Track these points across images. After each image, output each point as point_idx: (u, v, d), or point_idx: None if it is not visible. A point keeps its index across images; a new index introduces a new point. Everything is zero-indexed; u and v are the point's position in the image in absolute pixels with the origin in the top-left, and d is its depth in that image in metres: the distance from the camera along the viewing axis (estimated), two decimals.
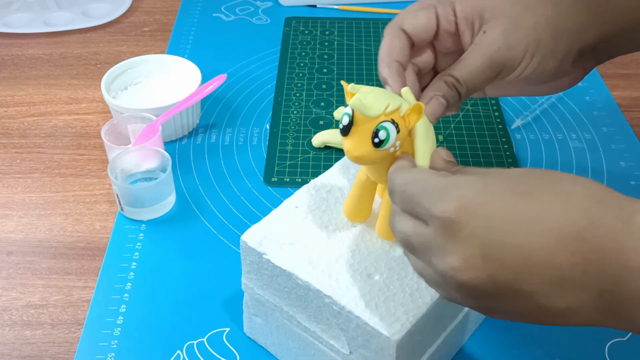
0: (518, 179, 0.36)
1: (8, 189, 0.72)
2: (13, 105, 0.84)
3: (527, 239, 0.34)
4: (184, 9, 1.02)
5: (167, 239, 0.65)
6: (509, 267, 0.34)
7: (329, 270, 0.47)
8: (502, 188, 0.35)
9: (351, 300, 0.44)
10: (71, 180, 0.73)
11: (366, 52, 0.92)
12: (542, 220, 0.34)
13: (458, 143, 0.75)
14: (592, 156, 0.75)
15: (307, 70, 0.88)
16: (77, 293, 0.61)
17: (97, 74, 0.89)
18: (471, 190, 0.35)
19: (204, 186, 0.71)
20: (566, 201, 0.34)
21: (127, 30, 0.98)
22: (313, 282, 0.46)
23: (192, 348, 0.56)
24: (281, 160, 0.74)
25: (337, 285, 0.45)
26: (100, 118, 0.81)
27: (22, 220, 0.68)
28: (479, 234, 0.34)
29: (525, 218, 0.34)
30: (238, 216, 0.68)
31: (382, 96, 0.43)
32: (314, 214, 0.51)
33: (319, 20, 0.99)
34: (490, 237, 0.34)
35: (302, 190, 0.53)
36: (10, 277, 0.62)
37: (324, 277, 0.46)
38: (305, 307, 0.48)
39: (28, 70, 0.90)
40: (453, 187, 0.36)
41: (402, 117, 0.43)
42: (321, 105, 0.82)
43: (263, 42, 0.94)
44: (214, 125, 0.79)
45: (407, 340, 0.44)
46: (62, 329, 0.58)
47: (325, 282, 0.46)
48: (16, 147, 0.77)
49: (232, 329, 0.57)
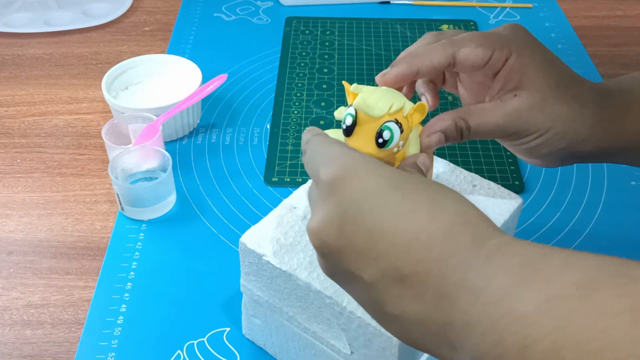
0: (407, 178, 0.36)
1: (9, 189, 0.72)
2: (14, 104, 0.84)
3: (381, 230, 0.34)
4: (184, 9, 1.02)
5: (167, 238, 0.65)
6: (355, 248, 0.34)
7: None
8: (385, 178, 0.36)
9: (352, 301, 0.44)
10: (72, 180, 0.73)
11: (366, 52, 0.92)
12: (403, 219, 0.34)
13: (458, 143, 0.75)
14: None
15: (308, 70, 0.88)
16: (77, 293, 0.61)
17: (97, 74, 0.89)
18: (357, 164, 0.36)
19: (205, 186, 0.71)
20: (434, 212, 0.34)
21: (128, 30, 0.98)
22: (313, 283, 0.46)
23: (192, 348, 0.56)
24: (282, 160, 0.74)
25: (338, 285, 0.45)
26: (101, 118, 0.82)
27: (23, 220, 0.68)
28: (342, 206, 0.35)
29: (389, 210, 0.34)
30: (238, 216, 0.68)
31: (385, 96, 0.43)
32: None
33: (320, 20, 0.99)
34: (349, 213, 0.35)
35: (299, 190, 0.52)
36: (10, 277, 0.62)
37: (325, 277, 0.46)
38: (305, 308, 0.48)
39: (29, 70, 0.90)
40: (344, 155, 0.37)
41: (405, 117, 0.42)
42: (322, 105, 0.82)
43: (263, 42, 0.94)
44: (214, 125, 0.79)
45: None
46: (63, 329, 0.58)
47: (326, 282, 0.46)
48: (17, 147, 0.77)
49: (232, 329, 0.57)
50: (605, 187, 0.71)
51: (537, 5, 1.04)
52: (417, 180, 0.37)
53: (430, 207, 0.34)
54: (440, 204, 0.34)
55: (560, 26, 0.99)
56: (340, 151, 0.38)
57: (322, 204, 0.36)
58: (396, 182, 0.36)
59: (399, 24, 0.98)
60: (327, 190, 0.36)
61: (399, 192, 0.35)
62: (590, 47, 0.94)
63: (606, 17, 1.03)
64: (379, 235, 0.34)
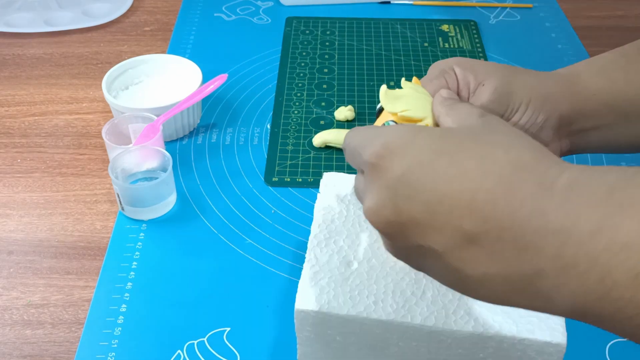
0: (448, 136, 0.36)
1: (9, 189, 0.72)
2: (14, 104, 0.84)
3: (437, 199, 0.33)
4: (184, 9, 1.02)
5: (167, 238, 0.65)
6: (417, 222, 0.34)
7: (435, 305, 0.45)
8: (426, 146, 0.35)
9: (494, 324, 0.43)
10: (72, 180, 0.73)
11: (367, 52, 0.92)
12: (455, 183, 0.33)
13: None
14: (593, 156, 0.75)
15: (308, 70, 0.88)
16: (77, 292, 0.61)
17: (98, 74, 0.89)
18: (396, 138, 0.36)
19: (205, 186, 0.71)
20: (485, 169, 0.33)
21: (128, 30, 0.98)
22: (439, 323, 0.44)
23: (192, 348, 0.56)
24: (282, 160, 0.74)
25: (458, 315, 0.44)
26: (101, 118, 0.82)
27: (23, 220, 0.68)
28: (391, 184, 0.35)
29: (439, 178, 0.34)
30: (238, 216, 0.68)
31: (412, 101, 0.44)
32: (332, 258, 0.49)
33: (320, 20, 0.99)
34: (400, 190, 0.35)
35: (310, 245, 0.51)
36: (11, 277, 0.62)
37: (439, 314, 0.45)
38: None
39: (29, 70, 0.90)
40: (382, 134, 0.37)
41: None
42: (322, 105, 0.82)
43: (264, 42, 0.94)
44: (214, 125, 0.79)
45: None
46: (63, 329, 0.58)
47: (451, 318, 0.44)
48: (17, 147, 0.77)
49: (233, 329, 0.57)
50: None
51: (537, 5, 1.04)
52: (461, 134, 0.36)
53: (480, 165, 0.33)
54: (489, 157, 0.34)
55: (561, 26, 0.99)
56: (375, 132, 0.38)
57: (371, 187, 0.36)
58: (438, 146, 0.35)
59: (399, 24, 0.98)
60: (373, 172, 0.36)
61: (444, 157, 0.34)
62: (591, 47, 0.94)
63: (607, 18, 1.03)
64: (436, 204, 0.33)
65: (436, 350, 0.46)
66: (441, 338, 0.45)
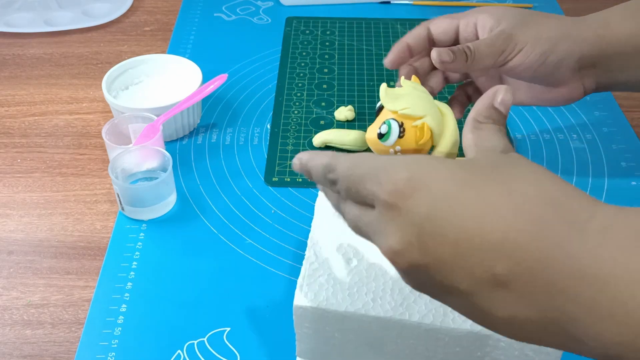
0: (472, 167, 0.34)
1: (9, 189, 0.72)
2: (14, 104, 0.84)
3: (466, 238, 0.32)
4: (184, 9, 1.02)
5: (167, 238, 0.65)
6: (444, 262, 0.32)
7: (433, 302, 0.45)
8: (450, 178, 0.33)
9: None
10: (72, 180, 0.73)
11: (367, 52, 0.92)
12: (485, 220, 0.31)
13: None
14: (593, 156, 0.75)
15: (308, 70, 0.88)
16: (77, 292, 0.61)
17: (98, 74, 0.89)
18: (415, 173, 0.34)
19: (205, 186, 0.71)
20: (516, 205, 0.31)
21: (128, 30, 0.98)
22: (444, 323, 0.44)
23: (192, 348, 0.56)
24: (282, 160, 0.74)
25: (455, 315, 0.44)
26: (101, 118, 0.82)
27: (23, 220, 0.68)
28: (416, 222, 0.33)
29: (467, 214, 0.32)
30: (239, 216, 0.68)
31: (412, 99, 0.44)
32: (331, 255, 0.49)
33: (320, 20, 0.99)
34: (426, 228, 0.32)
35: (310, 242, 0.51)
36: (11, 277, 0.62)
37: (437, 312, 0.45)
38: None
39: (29, 70, 0.90)
40: (396, 167, 0.34)
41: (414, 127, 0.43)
42: (322, 105, 0.82)
43: (264, 42, 0.94)
44: (214, 125, 0.79)
45: None
46: (63, 329, 0.58)
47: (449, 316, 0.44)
48: (17, 147, 0.77)
49: (233, 329, 0.57)
50: (605, 187, 0.71)
51: (537, 5, 1.04)
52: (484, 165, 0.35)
53: (508, 201, 0.32)
54: (517, 192, 0.32)
55: None
56: (384, 163, 0.35)
57: (391, 224, 0.34)
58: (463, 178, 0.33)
59: (399, 24, 0.98)
60: (391, 209, 0.34)
61: (471, 190, 0.33)
62: None
63: None
64: (465, 243, 0.32)
65: (434, 348, 0.46)
66: (439, 336, 0.45)
